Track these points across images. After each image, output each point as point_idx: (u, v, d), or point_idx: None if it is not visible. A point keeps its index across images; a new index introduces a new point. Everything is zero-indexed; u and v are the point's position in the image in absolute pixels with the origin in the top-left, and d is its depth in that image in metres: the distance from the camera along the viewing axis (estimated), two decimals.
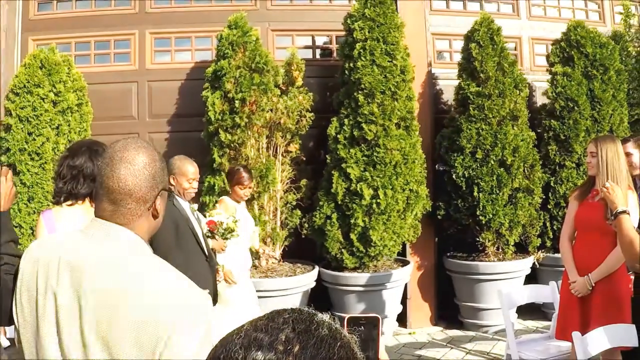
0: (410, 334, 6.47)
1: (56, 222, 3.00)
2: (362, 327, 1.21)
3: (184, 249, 4.04)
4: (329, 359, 0.88)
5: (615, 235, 3.31)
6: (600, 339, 3.27)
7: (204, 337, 1.46)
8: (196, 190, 4.29)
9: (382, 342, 1.24)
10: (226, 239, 4.73)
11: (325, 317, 0.95)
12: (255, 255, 5.63)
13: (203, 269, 4.19)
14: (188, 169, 4.17)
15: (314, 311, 0.96)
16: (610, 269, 3.76)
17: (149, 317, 1.45)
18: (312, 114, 6.13)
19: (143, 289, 1.49)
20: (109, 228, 1.61)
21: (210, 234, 4.64)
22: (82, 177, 2.82)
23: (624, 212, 2.94)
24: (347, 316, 1.22)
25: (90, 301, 1.50)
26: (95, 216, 1.64)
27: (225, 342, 0.92)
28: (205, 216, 4.80)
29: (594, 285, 3.84)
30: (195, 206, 4.46)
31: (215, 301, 4.30)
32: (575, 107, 6.52)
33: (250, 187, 5.10)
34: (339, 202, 6.02)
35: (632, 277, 3.55)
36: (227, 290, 4.80)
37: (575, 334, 3.38)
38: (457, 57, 6.75)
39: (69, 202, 2.97)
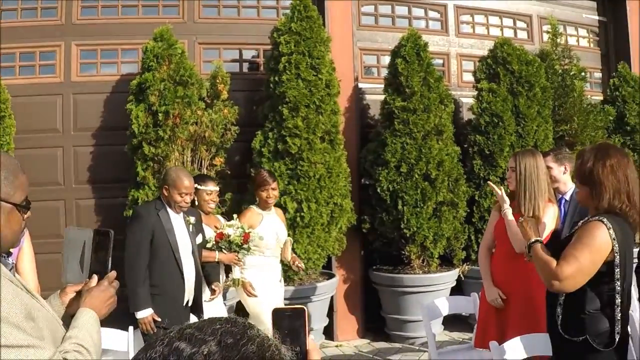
0: (337, 346, 6.49)
1: None
2: (288, 320, 1.21)
3: (155, 257, 4.05)
4: None
5: None
6: (517, 348, 3.31)
7: None
8: (189, 204, 4.22)
9: (308, 331, 1.25)
10: (235, 251, 4.64)
11: (261, 332, 0.92)
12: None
13: (172, 281, 4.13)
14: (182, 182, 4.10)
15: (249, 324, 0.93)
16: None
17: None
18: (238, 127, 6.13)
19: None
20: None
21: (215, 247, 4.60)
22: None
23: (536, 242, 3.01)
24: (272, 309, 1.23)
25: None
26: None
27: (148, 347, 0.90)
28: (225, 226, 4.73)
29: (505, 297, 3.94)
30: (192, 219, 4.35)
31: (198, 312, 4.30)
32: (500, 123, 6.65)
33: (274, 189, 4.93)
34: None
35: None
36: (249, 301, 4.76)
37: (493, 344, 3.41)
38: (385, 72, 6.81)
39: None
